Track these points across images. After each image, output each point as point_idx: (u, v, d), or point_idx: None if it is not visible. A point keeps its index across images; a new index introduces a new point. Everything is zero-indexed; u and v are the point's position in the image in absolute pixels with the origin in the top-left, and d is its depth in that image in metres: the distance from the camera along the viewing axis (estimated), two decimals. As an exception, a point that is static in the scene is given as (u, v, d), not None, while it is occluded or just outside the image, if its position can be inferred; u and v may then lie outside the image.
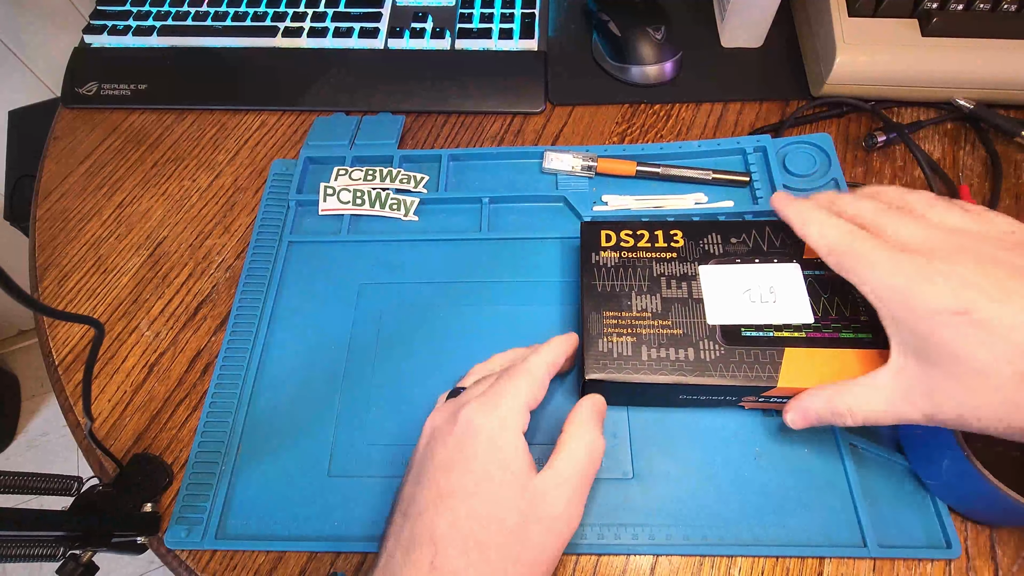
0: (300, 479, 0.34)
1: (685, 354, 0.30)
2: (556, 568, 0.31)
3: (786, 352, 0.30)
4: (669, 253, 0.33)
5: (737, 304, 0.31)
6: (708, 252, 0.33)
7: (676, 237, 0.34)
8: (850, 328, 0.30)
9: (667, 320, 0.31)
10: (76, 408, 0.38)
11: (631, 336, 0.31)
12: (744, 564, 0.31)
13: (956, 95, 0.43)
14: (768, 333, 0.30)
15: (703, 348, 0.31)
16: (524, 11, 0.50)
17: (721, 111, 0.46)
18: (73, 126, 0.50)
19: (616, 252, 0.34)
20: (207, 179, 0.46)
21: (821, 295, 0.31)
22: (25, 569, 0.37)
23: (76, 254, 0.44)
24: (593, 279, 0.33)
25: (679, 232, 0.34)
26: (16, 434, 1.20)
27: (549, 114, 0.47)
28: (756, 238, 0.33)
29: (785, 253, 0.32)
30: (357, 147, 0.45)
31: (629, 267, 0.33)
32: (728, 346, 0.30)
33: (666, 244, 0.34)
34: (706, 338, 0.31)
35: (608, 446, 0.33)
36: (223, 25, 0.51)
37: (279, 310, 0.39)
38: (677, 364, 0.30)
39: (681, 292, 0.32)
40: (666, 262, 0.33)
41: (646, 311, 0.32)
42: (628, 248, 0.34)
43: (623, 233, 0.34)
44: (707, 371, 0.30)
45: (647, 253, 0.34)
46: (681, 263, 0.33)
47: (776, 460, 0.32)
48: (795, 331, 0.30)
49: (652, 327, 0.31)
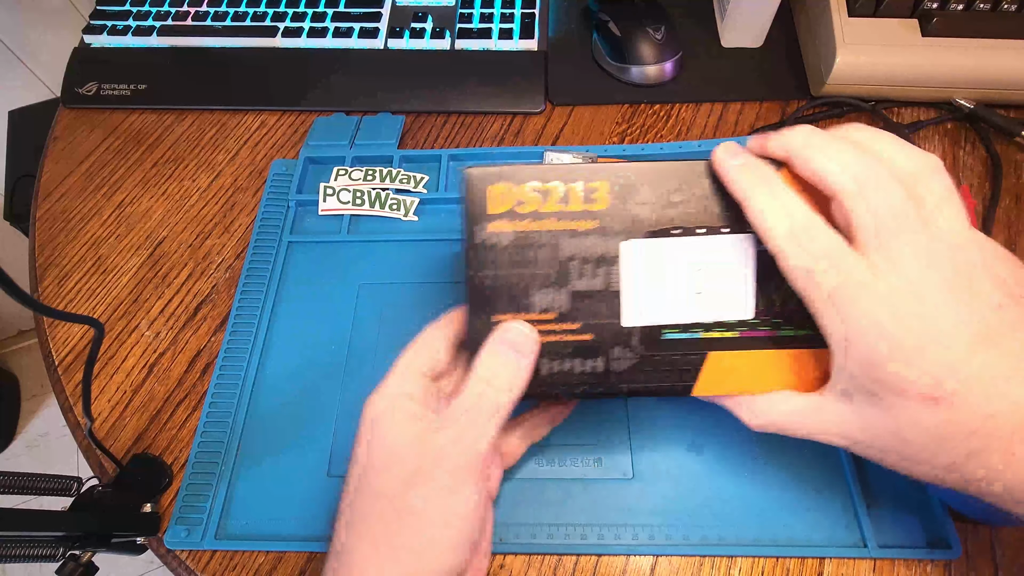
0: (300, 479, 0.34)
1: (593, 366, 0.25)
2: (552, 565, 0.31)
3: (708, 357, 0.25)
4: (586, 222, 0.25)
5: (663, 297, 0.25)
6: (638, 217, 0.25)
7: (597, 194, 0.24)
8: (792, 324, 0.25)
9: (575, 324, 0.25)
10: (76, 408, 0.38)
11: None
12: (744, 564, 0.31)
13: (956, 95, 0.43)
14: (695, 334, 0.25)
15: (614, 357, 0.25)
16: (524, 11, 0.50)
17: (721, 111, 0.46)
18: (73, 126, 0.50)
19: (511, 222, 0.25)
20: (207, 179, 0.46)
21: (772, 277, 0.24)
22: (25, 569, 0.37)
23: (76, 254, 0.44)
24: (481, 268, 0.25)
25: (603, 184, 0.24)
26: (16, 434, 1.20)
27: (549, 114, 0.47)
28: (710, 191, 0.24)
29: (741, 216, 0.24)
30: (357, 147, 0.45)
31: (529, 248, 0.25)
32: (645, 353, 0.25)
33: (583, 207, 0.24)
34: (620, 345, 0.25)
35: (608, 446, 0.33)
36: (223, 25, 0.51)
37: (279, 310, 0.39)
38: (583, 378, 0.25)
39: (596, 283, 0.25)
40: (579, 236, 0.25)
41: (550, 311, 0.25)
42: (528, 214, 0.24)
43: (527, 187, 0.24)
44: (615, 385, 0.26)
45: (555, 223, 0.25)
46: (600, 236, 0.25)
47: (776, 460, 0.32)
48: (727, 330, 0.25)
49: (556, 333, 0.25)
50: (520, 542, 0.31)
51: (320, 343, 0.38)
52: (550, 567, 0.31)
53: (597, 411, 0.34)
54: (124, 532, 0.32)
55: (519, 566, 0.31)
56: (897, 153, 0.23)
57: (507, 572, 0.31)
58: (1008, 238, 0.40)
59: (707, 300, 0.25)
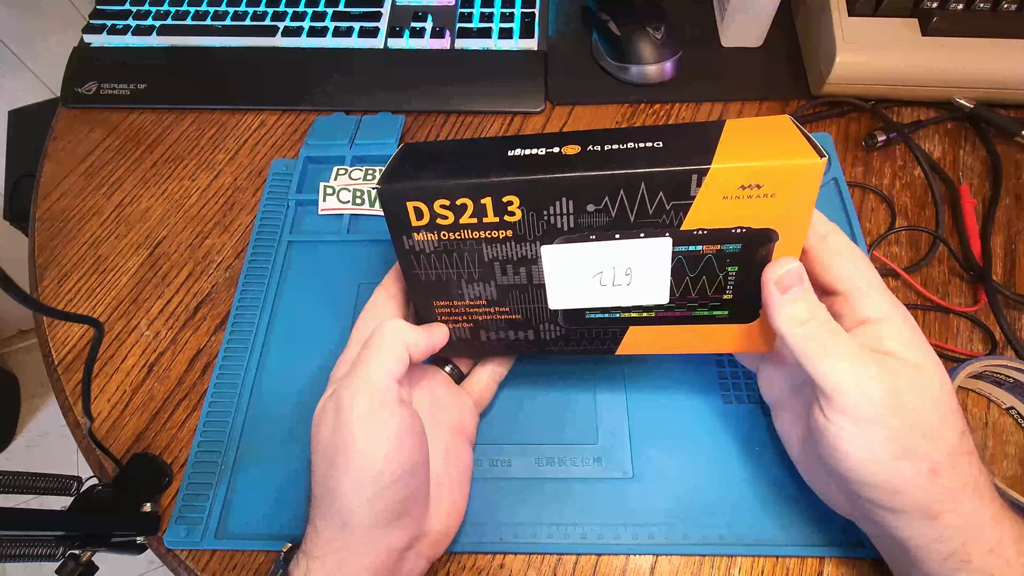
0: (300, 479, 0.34)
1: (526, 335, 0.29)
2: (552, 565, 0.31)
3: (629, 330, 0.29)
4: (502, 231, 0.26)
5: (584, 288, 0.27)
6: (554, 227, 0.25)
7: (511, 207, 0.25)
8: (706, 307, 0.27)
9: (505, 307, 0.28)
10: (76, 408, 0.38)
11: (467, 322, 0.29)
12: (744, 564, 0.31)
13: (956, 95, 0.43)
14: (614, 315, 0.28)
15: (544, 330, 0.29)
16: (524, 11, 0.50)
17: (721, 111, 0.46)
18: (73, 126, 0.50)
19: (433, 233, 0.26)
20: (207, 179, 0.46)
21: (687, 274, 0.26)
22: (25, 569, 0.37)
23: (76, 254, 0.44)
24: (413, 268, 0.28)
25: (515, 199, 0.25)
26: (16, 434, 1.20)
27: (549, 114, 0.47)
28: (623, 203, 0.24)
29: (658, 224, 0.25)
30: (357, 147, 0.45)
31: (453, 252, 0.27)
32: (570, 327, 0.29)
33: (497, 218, 0.25)
34: (547, 320, 0.29)
35: (608, 446, 0.33)
36: (222, 25, 0.51)
37: (279, 310, 0.39)
38: (518, 343, 0.30)
39: (519, 279, 0.27)
40: (499, 243, 0.26)
41: (480, 299, 0.28)
42: (448, 227, 0.26)
43: (438, 205, 0.25)
44: (546, 348, 0.30)
45: (473, 232, 0.26)
46: (518, 243, 0.26)
47: (776, 459, 0.32)
48: (644, 311, 0.28)
49: (489, 314, 0.29)
50: (520, 542, 0.31)
51: (320, 342, 0.37)
52: (550, 567, 0.31)
53: (597, 411, 0.34)
54: (124, 532, 0.32)
55: (519, 566, 0.31)
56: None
57: (507, 572, 0.31)
58: (1008, 238, 0.40)
59: (625, 290, 0.27)
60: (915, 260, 0.39)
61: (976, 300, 0.37)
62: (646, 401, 0.34)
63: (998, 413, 0.34)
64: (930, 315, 0.37)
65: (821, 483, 0.29)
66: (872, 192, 0.42)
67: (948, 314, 0.37)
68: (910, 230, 0.40)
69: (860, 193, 0.42)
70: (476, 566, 0.31)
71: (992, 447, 0.33)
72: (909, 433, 0.23)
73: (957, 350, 0.36)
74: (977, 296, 0.37)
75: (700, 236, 0.25)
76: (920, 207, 0.41)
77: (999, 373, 0.33)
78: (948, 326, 0.37)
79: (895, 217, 0.41)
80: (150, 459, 0.35)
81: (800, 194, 0.23)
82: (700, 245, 0.25)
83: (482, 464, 0.33)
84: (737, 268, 0.26)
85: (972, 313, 0.37)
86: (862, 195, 0.42)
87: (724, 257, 0.26)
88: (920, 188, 0.42)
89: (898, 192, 0.42)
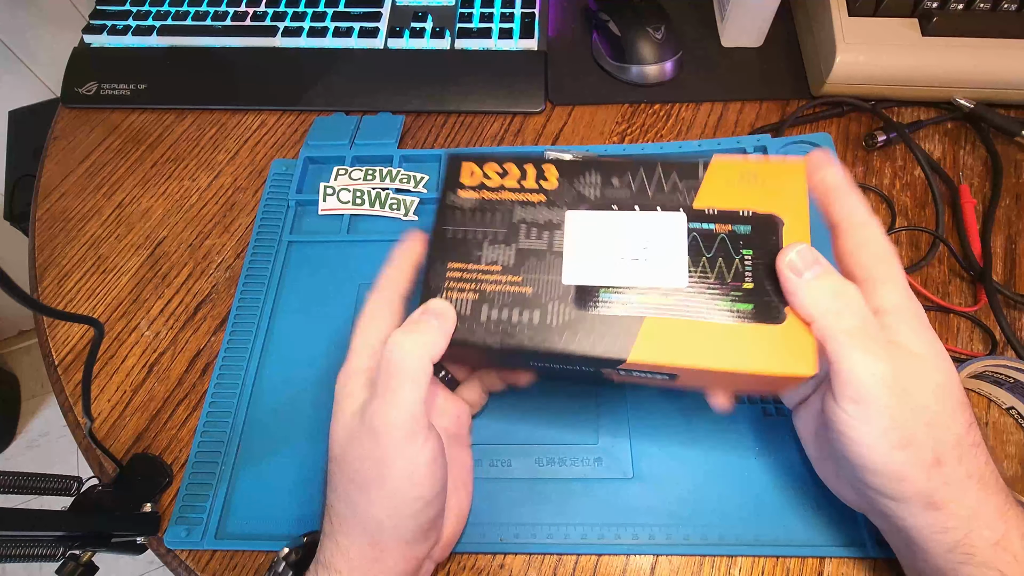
0: (300, 479, 0.34)
1: (530, 317, 0.27)
2: (552, 565, 0.31)
3: (645, 322, 0.26)
4: (537, 195, 0.29)
5: (601, 261, 0.28)
6: (582, 196, 0.29)
7: (548, 175, 0.29)
8: (728, 297, 0.26)
9: (518, 276, 0.28)
10: (76, 408, 0.38)
11: (473, 293, 0.28)
12: (744, 564, 0.31)
13: (956, 95, 0.43)
14: (630, 298, 0.27)
15: (551, 311, 0.27)
16: (524, 11, 0.50)
17: (721, 111, 0.46)
18: (73, 126, 0.50)
19: (477, 192, 0.30)
20: (207, 179, 0.46)
21: (704, 254, 0.27)
22: (25, 569, 0.37)
23: (76, 254, 0.44)
24: (446, 223, 0.29)
25: (553, 170, 0.29)
26: (16, 434, 1.20)
27: (549, 114, 0.47)
28: (643, 180, 0.28)
29: (672, 200, 0.28)
30: (357, 147, 0.45)
31: (487, 211, 0.29)
32: (580, 311, 0.27)
33: (536, 184, 0.29)
34: (557, 300, 0.27)
35: (608, 446, 0.33)
36: (223, 25, 0.51)
37: (279, 310, 0.39)
38: (519, 328, 0.27)
39: (540, 243, 0.28)
40: (531, 206, 0.29)
41: (496, 264, 0.28)
42: (492, 188, 0.30)
43: (488, 167, 0.30)
44: (550, 337, 0.27)
45: (511, 194, 0.29)
46: (549, 208, 0.29)
47: (776, 460, 0.32)
48: (662, 296, 0.27)
49: (499, 283, 0.28)
50: (520, 542, 0.31)
51: (320, 343, 0.38)
52: (550, 567, 0.31)
53: (597, 411, 0.34)
54: (124, 532, 0.32)
55: (519, 566, 0.31)
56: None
57: (507, 572, 0.31)
58: (1008, 238, 0.40)
59: (642, 268, 0.27)
60: (915, 260, 0.39)
61: (976, 300, 0.37)
62: (646, 401, 0.34)
63: (998, 413, 0.34)
64: (930, 315, 0.37)
65: (832, 476, 0.29)
66: (872, 192, 0.42)
67: (948, 314, 0.37)
68: (910, 230, 0.40)
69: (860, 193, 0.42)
70: (476, 566, 0.31)
71: (992, 447, 0.33)
72: (912, 422, 0.23)
73: (957, 350, 0.36)
74: (977, 296, 0.37)
75: (711, 215, 0.27)
76: (920, 207, 0.41)
77: (999, 373, 0.33)
78: (948, 326, 0.37)
79: (895, 217, 0.41)
80: (150, 459, 0.35)
81: (789, 187, 0.27)
82: (712, 224, 0.27)
83: (482, 464, 0.33)
84: (752, 252, 0.26)
85: (972, 313, 0.37)
86: (862, 195, 0.42)
87: (737, 239, 0.27)
88: (920, 188, 0.42)
89: (898, 192, 0.42)
